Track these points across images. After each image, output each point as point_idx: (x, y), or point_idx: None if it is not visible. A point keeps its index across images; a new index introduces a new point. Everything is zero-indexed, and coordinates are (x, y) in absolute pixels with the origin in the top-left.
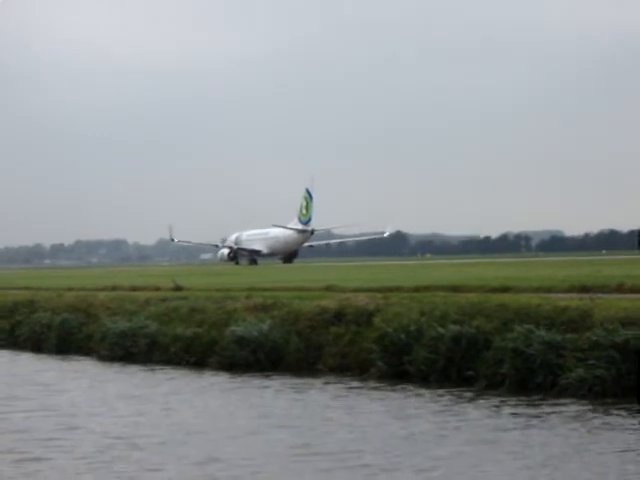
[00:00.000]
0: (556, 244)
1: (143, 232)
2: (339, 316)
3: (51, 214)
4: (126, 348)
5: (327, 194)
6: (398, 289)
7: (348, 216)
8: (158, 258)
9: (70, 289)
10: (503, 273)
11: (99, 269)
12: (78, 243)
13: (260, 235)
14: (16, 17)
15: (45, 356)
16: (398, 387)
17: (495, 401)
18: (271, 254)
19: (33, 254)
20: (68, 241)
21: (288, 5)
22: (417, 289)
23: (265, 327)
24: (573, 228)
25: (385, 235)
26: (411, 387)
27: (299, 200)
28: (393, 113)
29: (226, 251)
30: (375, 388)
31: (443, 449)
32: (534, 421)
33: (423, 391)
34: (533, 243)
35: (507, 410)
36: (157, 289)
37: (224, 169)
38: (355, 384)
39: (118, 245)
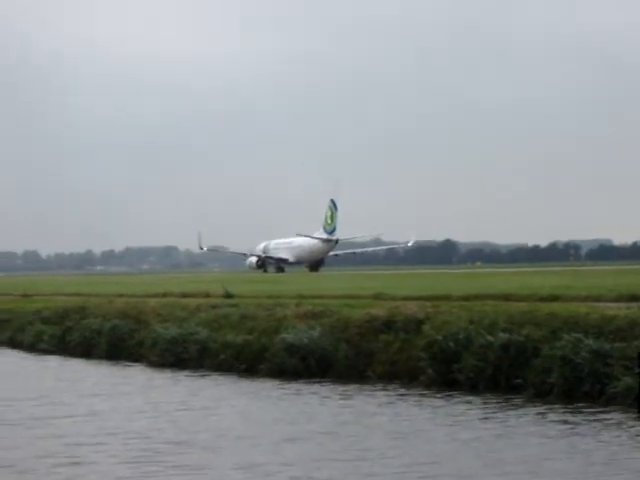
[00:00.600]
0: (605, 253)
1: (194, 239)
2: (388, 324)
3: (102, 221)
4: (177, 354)
5: (374, 201)
6: (447, 297)
7: (397, 223)
8: (209, 265)
9: (120, 295)
10: (552, 282)
11: (149, 276)
12: (129, 250)
13: (286, 244)
14: (59, 30)
15: (95, 362)
16: (446, 395)
17: (542, 409)
18: (297, 262)
19: (84, 261)
20: (119, 248)
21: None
22: (467, 297)
23: (315, 334)
24: (622, 237)
25: (409, 245)
26: (459, 395)
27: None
28: (433, 116)
29: (254, 259)
30: (423, 395)
31: (483, 457)
32: (578, 429)
33: (471, 399)
34: (582, 252)
35: (553, 418)
36: (207, 296)
37: (271, 177)
38: (403, 391)
39: (169, 252)
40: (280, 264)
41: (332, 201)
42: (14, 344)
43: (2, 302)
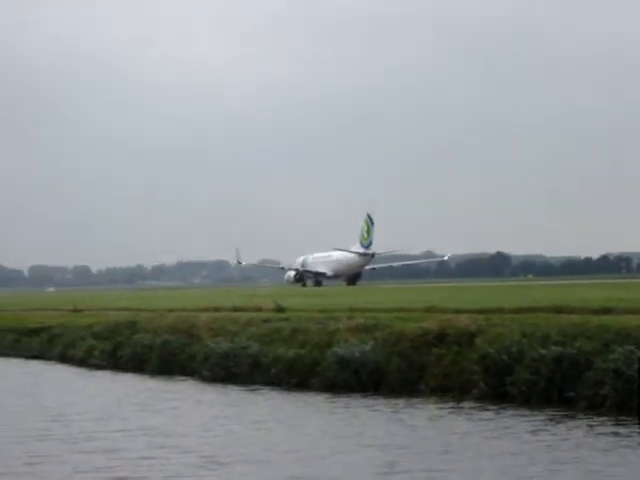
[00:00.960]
0: None
1: (245, 253)
2: (441, 337)
3: (154, 235)
4: (228, 369)
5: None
6: (499, 310)
7: (447, 236)
8: (261, 279)
9: (171, 310)
10: (604, 294)
11: (200, 290)
12: (180, 264)
13: (324, 258)
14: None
15: (146, 377)
16: (498, 408)
17: (594, 422)
18: (335, 276)
19: (134, 275)
20: (170, 262)
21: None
22: (518, 310)
23: (367, 348)
24: None
25: (445, 259)
26: (511, 408)
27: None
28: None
29: (292, 273)
30: (474, 408)
31: (528, 469)
32: (627, 441)
33: (523, 412)
34: (633, 264)
35: (603, 430)
36: (259, 310)
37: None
38: (455, 405)
39: (220, 266)
40: (318, 278)
41: (368, 216)
42: (65, 359)
43: (53, 317)
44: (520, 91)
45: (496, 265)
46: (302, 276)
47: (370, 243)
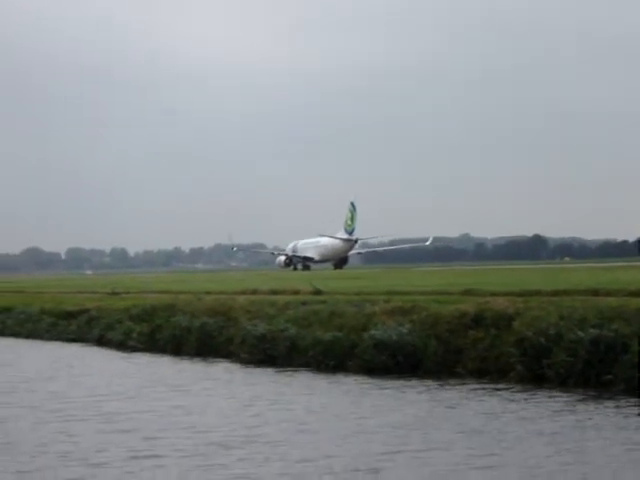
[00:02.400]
0: None
1: (281, 236)
2: (478, 320)
3: (191, 218)
4: (265, 351)
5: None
6: (537, 293)
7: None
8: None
9: (209, 293)
10: None
11: (238, 272)
12: (218, 247)
13: (312, 244)
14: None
15: (184, 359)
16: (535, 390)
17: (628, 403)
18: (322, 261)
19: (172, 257)
20: (208, 244)
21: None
22: (556, 293)
23: (404, 331)
24: None
25: (427, 244)
26: (548, 391)
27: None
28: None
29: (283, 258)
30: (508, 390)
31: (550, 447)
32: None
33: (559, 394)
34: None
35: (636, 411)
36: (296, 293)
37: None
38: (491, 387)
39: (257, 249)
40: (306, 262)
41: (352, 203)
42: (103, 342)
43: (91, 300)
44: (559, 76)
45: (533, 248)
46: (292, 261)
47: (353, 229)
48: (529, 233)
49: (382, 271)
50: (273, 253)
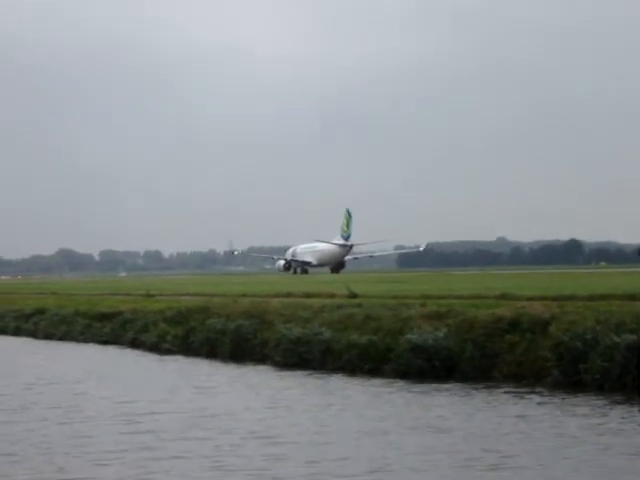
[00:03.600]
0: None
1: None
2: (514, 324)
3: (225, 221)
4: (300, 354)
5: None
6: (573, 297)
7: (521, 222)
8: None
9: (244, 295)
10: None
11: (272, 276)
12: (251, 249)
13: (310, 249)
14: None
15: (218, 362)
16: (570, 396)
17: None
18: (319, 265)
19: (206, 259)
20: (242, 247)
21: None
22: (592, 297)
23: (440, 335)
24: None
25: (420, 249)
26: (583, 396)
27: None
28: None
29: (282, 262)
30: (540, 394)
31: (571, 450)
32: None
33: (593, 399)
34: None
35: None
36: (331, 296)
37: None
38: (525, 392)
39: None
40: (304, 266)
41: (347, 210)
42: (137, 344)
43: (125, 302)
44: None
45: (569, 252)
46: (290, 265)
47: (349, 236)
48: (565, 237)
49: (418, 275)
50: (273, 257)
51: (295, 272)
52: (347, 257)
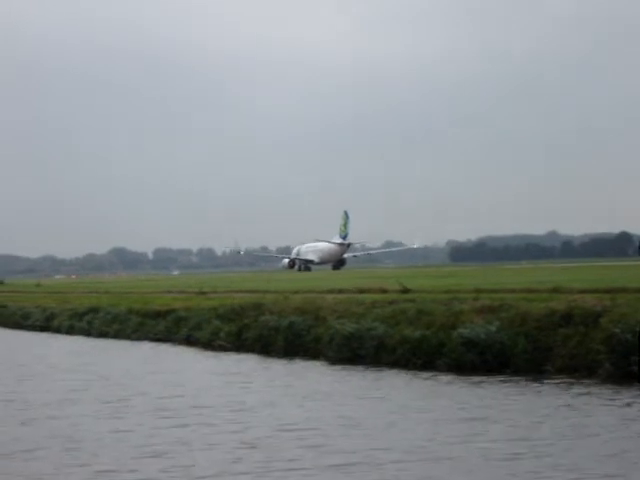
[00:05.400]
0: None
1: (369, 235)
2: (567, 317)
3: (277, 217)
4: (353, 350)
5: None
6: (624, 290)
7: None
8: (385, 260)
9: (296, 292)
10: None
11: (324, 272)
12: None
13: (312, 247)
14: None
15: (271, 359)
16: (622, 388)
17: None
18: (321, 262)
19: (258, 257)
20: (294, 244)
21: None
22: None
23: (493, 329)
24: None
25: (415, 247)
26: (635, 388)
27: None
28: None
29: (287, 260)
30: (589, 385)
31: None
32: None
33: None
34: None
35: None
36: (384, 291)
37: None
38: (577, 384)
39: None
40: (307, 264)
41: (345, 212)
42: (190, 342)
43: (179, 300)
44: None
45: (620, 245)
46: (294, 263)
47: (346, 235)
48: (616, 230)
49: (470, 269)
50: (277, 256)
51: (300, 269)
52: (347, 255)
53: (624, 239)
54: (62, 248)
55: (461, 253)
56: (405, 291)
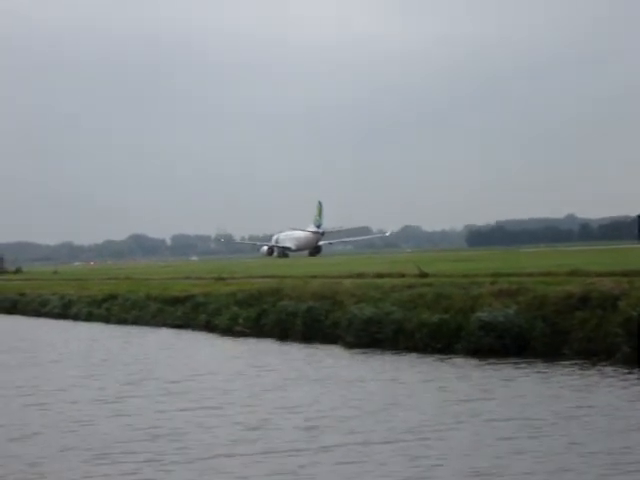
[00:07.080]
0: None
1: (386, 219)
2: (584, 301)
3: (295, 202)
4: (371, 335)
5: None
6: None
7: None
8: (403, 245)
9: (314, 277)
10: None
11: (342, 257)
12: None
13: (289, 235)
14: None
15: (289, 344)
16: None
17: None
18: (297, 250)
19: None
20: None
21: None
22: None
23: (511, 312)
24: None
25: (387, 234)
26: None
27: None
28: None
29: (265, 248)
30: (603, 368)
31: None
32: None
33: None
34: None
35: None
36: (402, 276)
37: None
38: (593, 368)
39: (362, 233)
40: (285, 251)
41: (319, 202)
42: (209, 327)
43: (197, 286)
44: None
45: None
46: (272, 250)
47: (320, 224)
48: (634, 213)
49: (488, 253)
50: (255, 244)
51: (279, 256)
52: (322, 242)
53: None
54: (80, 235)
55: (479, 237)
56: (423, 275)
